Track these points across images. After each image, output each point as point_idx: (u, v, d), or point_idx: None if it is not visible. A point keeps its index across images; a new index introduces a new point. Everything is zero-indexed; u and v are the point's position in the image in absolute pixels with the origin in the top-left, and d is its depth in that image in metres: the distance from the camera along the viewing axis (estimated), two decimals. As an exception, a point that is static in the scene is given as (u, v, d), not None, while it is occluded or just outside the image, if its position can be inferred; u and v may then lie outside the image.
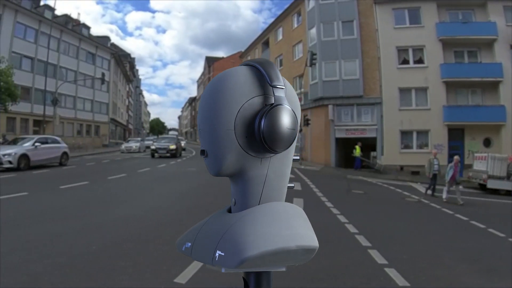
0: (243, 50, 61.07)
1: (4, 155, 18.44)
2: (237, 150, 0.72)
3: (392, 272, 5.61)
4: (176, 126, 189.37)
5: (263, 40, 47.39)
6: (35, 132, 38.95)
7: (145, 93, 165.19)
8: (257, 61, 0.75)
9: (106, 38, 65.24)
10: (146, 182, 15.75)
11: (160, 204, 10.66)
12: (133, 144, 45.09)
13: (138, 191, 13.20)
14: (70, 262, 5.48)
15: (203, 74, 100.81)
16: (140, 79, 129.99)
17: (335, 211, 10.57)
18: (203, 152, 0.76)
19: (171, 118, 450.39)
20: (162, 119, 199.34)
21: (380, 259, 6.24)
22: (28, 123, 41.94)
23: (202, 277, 4.97)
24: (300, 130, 29.70)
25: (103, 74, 39.64)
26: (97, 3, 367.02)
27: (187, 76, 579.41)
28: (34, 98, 41.97)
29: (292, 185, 0.83)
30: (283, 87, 0.72)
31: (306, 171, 24.13)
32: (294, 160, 0.81)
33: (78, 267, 5.20)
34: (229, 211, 0.81)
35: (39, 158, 20.62)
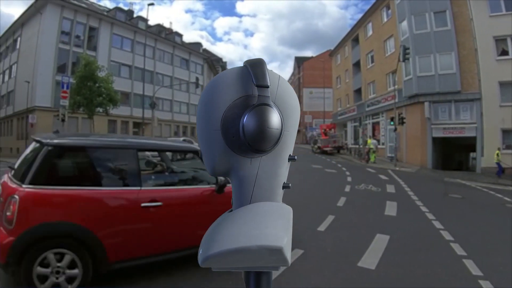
0: (332, 48, 59.94)
1: None
2: (225, 150, 0.73)
3: (486, 285, 5.24)
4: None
5: (353, 36, 46.25)
6: (135, 133, 42.03)
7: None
8: (250, 60, 0.75)
9: (198, 45, 67.63)
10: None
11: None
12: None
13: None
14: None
15: (293, 74, 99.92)
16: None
17: (430, 216, 10.08)
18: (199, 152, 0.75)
19: None
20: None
21: (475, 270, 5.84)
22: (128, 125, 45.36)
23: (288, 275, 5.06)
24: (395, 130, 28.66)
25: (197, 79, 40.96)
26: (186, 12, 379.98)
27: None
28: (133, 102, 45.62)
29: (289, 184, 0.78)
30: (268, 86, 0.71)
31: (401, 172, 23.27)
32: (290, 159, 0.78)
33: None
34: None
35: None
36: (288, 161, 0.77)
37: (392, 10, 33.55)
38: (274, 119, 0.70)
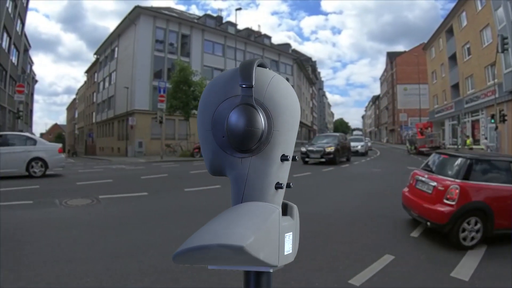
0: (425, 42, 57.33)
1: None
2: (216, 150, 0.76)
3: None
4: (360, 126, 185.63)
5: (446, 28, 43.77)
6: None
7: (327, 94, 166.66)
8: (243, 61, 0.76)
9: (287, 45, 68.22)
10: (330, 181, 15.95)
11: (343, 205, 10.60)
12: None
13: (323, 190, 13.38)
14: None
15: (385, 70, 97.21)
16: (322, 81, 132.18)
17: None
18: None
19: (354, 118, 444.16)
20: (346, 119, 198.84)
21: None
22: (223, 126, 47.36)
23: (377, 281, 4.92)
24: (496, 128, 26.78)
25: (287, 79, 41.12)
26: (272, 14, 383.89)
27: (367, 74, 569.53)
28: None
29: (282, 184, 0.78)
30: (251, 86, 0.72)
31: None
32: (283, 160, 0.77)
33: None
34: None
35: None
36: (282, 161, 0.77)
37: (486, -3, 31.45)
38: (255, 118, 0.71)
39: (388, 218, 8.64)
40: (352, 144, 32.02)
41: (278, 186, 0.76)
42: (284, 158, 0.77)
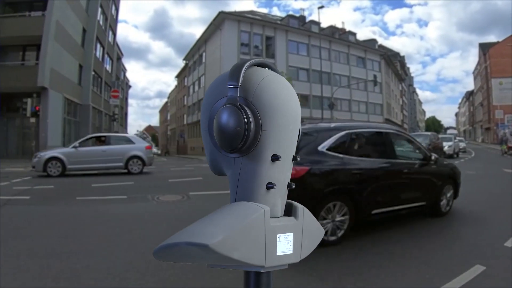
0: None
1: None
2: (213, 149, 0.79)
3: None
4: (453, 124, 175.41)
5: None
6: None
7: (418, 90, 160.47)
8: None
9: (373, 41, 66.80)
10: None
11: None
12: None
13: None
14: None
15: (478, 63, 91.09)
16: (412, 77, 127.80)
17: None
18: None
19: (447, 116, 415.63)
20: (438, 117, 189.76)
21: None
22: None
23: None
24: None
25: (375, 76, 40.55)
26: (354, 10, 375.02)
27: (459, 68, 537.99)
28: (312, 104, 48.11)
29: (274, 185, 0.78)
30: (236, 86, 0.72)
31: None
32: (274, 159, 0.76)
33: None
34: None
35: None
36: (273, 161, 0.76)
37: None
38: (237, 118, 0.71)
39: (481, 225, 8.04)
40: None
41: (270, 186, 0.76)
42: (275, 158, 0.76)
